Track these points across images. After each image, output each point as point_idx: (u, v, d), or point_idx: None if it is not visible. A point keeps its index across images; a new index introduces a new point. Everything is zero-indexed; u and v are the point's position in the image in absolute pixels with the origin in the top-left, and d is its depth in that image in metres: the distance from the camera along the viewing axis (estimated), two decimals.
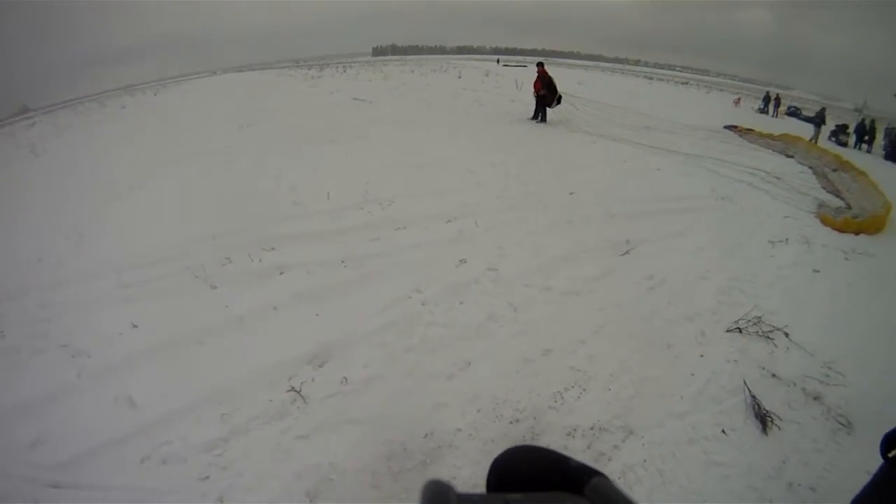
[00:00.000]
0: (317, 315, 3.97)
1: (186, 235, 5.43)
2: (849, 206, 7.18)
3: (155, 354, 3.57)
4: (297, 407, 3.07)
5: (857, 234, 6.06)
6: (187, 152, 9.47)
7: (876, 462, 1.27)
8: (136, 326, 3.89)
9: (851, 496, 1.29)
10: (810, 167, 9.90)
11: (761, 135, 13.11)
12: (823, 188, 8.32)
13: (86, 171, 8.91)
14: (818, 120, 15.35)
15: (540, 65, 12.00)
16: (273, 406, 3.06)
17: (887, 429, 1.25)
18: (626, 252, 5.00)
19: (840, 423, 2.96)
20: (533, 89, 12.13)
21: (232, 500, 2.51)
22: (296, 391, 3.16)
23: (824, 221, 6.46)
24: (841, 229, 6.14)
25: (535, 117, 12.10)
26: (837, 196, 7.82)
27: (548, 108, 12.08)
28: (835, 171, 9.55)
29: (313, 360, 3.45)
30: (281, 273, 4.61)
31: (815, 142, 13.60)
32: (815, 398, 3.18)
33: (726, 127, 14.26)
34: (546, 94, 11.82)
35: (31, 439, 2.90)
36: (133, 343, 3.70)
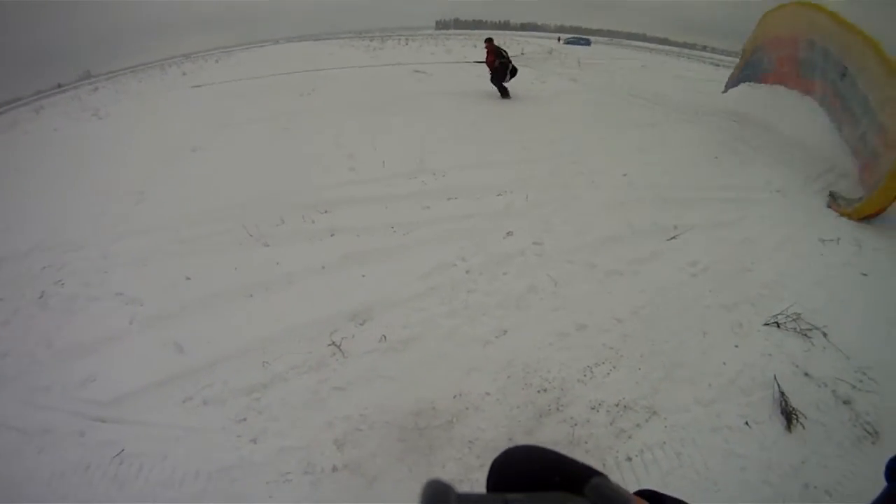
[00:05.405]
0: (363, 276, 4.13)
1: (244, 196, 5.74)
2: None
3: (205, 305, 3.82)
4: (336, 360, 3.22)
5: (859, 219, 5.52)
6: (248, 118, 9.88)
7: None
8: (189, 279, 4.15)
9: None
10: None
11: None
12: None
13: (147, 133, 9.37)
14: None
15: (489, 40, 11.71)
16: (313, 357, 3.23)
17: None
18: (674, 237, 4.89)
19: (867, 431, 2.80)
20: (487, 66, 11.73)
21: (264, 442, 2.67)
22: (336, 345, 3.31)
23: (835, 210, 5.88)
24: (849, 216, 5.56)
25: (502, 95, 11.77)
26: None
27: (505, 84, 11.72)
28: None
29: (355, 318, 3.60)
30: (332, 235, 4.83)
31: None
32: (845, 402, 3.02)
33: None
34: (499, 67, 11.43)
35: (82, 378, 3.15)
36: (185, 294, 3.96)
